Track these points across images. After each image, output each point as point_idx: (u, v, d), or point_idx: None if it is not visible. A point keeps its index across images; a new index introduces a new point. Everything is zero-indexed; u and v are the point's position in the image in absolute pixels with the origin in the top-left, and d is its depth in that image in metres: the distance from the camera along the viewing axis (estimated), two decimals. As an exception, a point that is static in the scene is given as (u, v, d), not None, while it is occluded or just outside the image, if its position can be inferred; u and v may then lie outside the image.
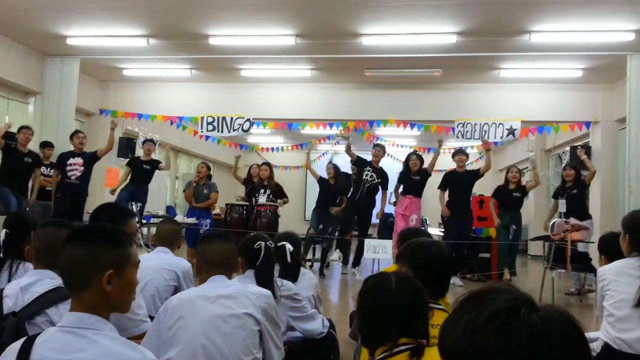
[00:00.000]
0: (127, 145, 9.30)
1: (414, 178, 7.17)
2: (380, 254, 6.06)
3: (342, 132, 11.96)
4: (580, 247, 5.88)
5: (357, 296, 1.58)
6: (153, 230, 5.75)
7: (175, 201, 13.57)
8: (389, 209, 8.83)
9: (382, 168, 7.45)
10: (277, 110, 9.27)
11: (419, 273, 1.73)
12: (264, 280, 2.24)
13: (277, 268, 2.68)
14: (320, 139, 13.38)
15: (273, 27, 6.76)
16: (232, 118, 8.65)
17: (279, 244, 2.71)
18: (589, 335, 2.54)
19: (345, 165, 8.08)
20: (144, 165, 7.34)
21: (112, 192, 7.44)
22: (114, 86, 9.62)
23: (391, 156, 14.87)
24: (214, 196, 7.44)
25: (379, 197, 7.44)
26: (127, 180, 7.30)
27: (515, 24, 6.32)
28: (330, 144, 15.05)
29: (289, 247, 2.71)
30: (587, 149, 8.75)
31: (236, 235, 5.36)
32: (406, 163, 7.32)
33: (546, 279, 5.81)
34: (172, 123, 9.27)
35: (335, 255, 7.42)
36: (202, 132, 8.78)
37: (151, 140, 7.67)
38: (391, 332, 1.45)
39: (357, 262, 7.22)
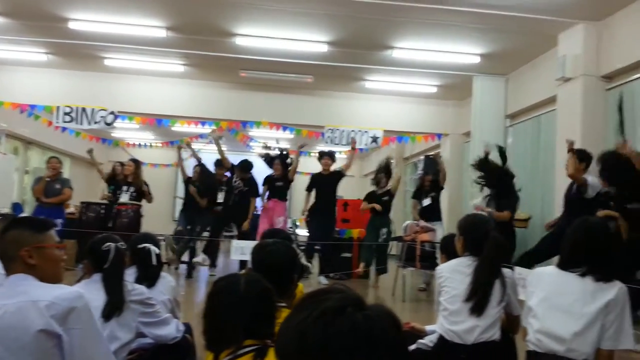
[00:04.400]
0: (-36, 133, 8.17)
1: (276, 184, 7.35)
2: (247, 255, 6.06)
3: (216, 131, 11.77)
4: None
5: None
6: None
7: (24, 198, 12.20)
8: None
9: (251, 177, 7.45)
10: (145, 105, 8.83)
11: (261, 273, 1.78)
12: (112, 284, 2.13)
13: (132, 272, 2.57)
14: (192, 137, 13.01)
15: (142, 17, 6.44)
16: (93, 109, 8.02)
17: (141, 246, 2.60)
18: (428, 328, 2.81)
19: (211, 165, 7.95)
20: None
21: None
22: (-48, 66, 8.41)
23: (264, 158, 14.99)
24: (68, 192, 6.84)
25: None
26: None
27: (379, 39, 6.76)
28: (203, 143, 14.69)
29: (154, 249, 2.62)
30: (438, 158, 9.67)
31: (92, 236, 4.98)
32: (270, 167, 7.46)
33: (399, 276, 6.30)
34: (22, 111, 8.36)
35: (199, 258, 7.29)
36: (57, 122, 8.03)
37: None
38: (237, 334, 1.46)
39: (242, 267, 7.19)
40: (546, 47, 6.54)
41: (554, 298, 2.23)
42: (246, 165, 7.37)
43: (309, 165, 15.49)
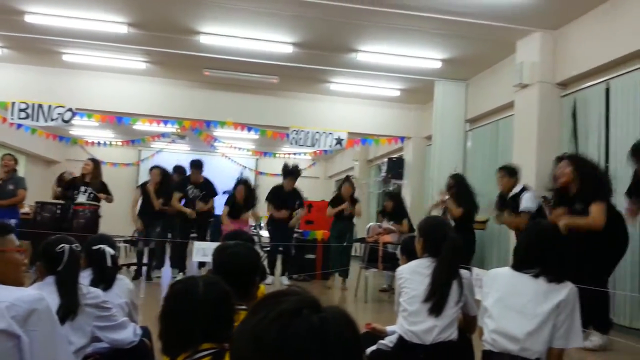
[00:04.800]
0: None
1: (239, 209, 7.30)
2: (209, 257, 6.00)
3: (179, 130, 11.59)
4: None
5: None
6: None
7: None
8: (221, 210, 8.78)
9: (204, 180, 7.33)
10: (105, 102, 8.61)
11: (221, 275, 1.77)
12: (66, 287, 2.07)
13: (87, 274, 2.50)
14: (154, 136, 12.78)
15: (102, 12, 6.28)
16: (50, 106, 7.80)
17: (96, 247, 2.54)
18: (389, 328, 2.84)
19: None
20: None
21: None
22: None
23: (229, 158, 14.90)
24: (22, 193, 6.59)
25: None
26: None
27: (344, 42, 6.81)
28: (165, 142, 14.45)
29: (109, 250, 2.56)
30: (400, 161, 9.82)
31: (47, 237, 4.81)
32: (234, 190, 7.34)
33: (362, 277, 6.37)
34: (-27, 107, 8.03)
35: (157, 272, 7.23)
36: (12, 119, 7.75)
37: None
38: (195, 337, 1.45)
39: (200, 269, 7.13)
40: (505, 53, 6.73)
41: (509, 299, 2.29)
42: (197, 163, 7.27)
43: (275, 166, 15.50)
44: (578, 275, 3.73)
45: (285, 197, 7.37)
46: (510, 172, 5.28)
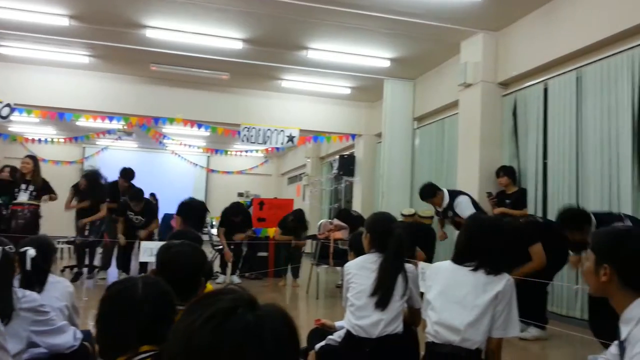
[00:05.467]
0: None
1: None
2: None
3: (125, 127, 11.22)
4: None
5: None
6: None
7: None
8: (172, 209, 8.57)
9: (145, 204, 7.11)
10: (45, 97, 8.25)
11: (164, 275, 1.74)
12: (-1, 291, 1.98)
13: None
14: (99, 132, 12.33)
15: (42, 3, 6.01)
16: (-14, 102, 7.40)
17: (23, 250, 2.42)
18: (338, 324, 2.86)
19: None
20: None
21: None
22: None
23: (179, 156, 14.59)
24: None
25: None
26: None
27: (294, 40, 6.81)
28: (110, 139, 13.97)
29: (30, 252, 2.44)
30: (352, 158, 9.93)
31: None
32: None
33: (313, 274, 6.40)
34: None
35: (103, 274, 7.04)
36: (-57, 115, 7.31)
37: None
38: (133, 340, 1.41)
39: (141, 270, 6.95)
40: (450, 54, 6.92)
41: (450, 291, 2.35)
42: (136, 195, 7.05)
43: (227, 163, 15.31)
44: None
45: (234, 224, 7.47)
46: (431, 194, 5.54)
